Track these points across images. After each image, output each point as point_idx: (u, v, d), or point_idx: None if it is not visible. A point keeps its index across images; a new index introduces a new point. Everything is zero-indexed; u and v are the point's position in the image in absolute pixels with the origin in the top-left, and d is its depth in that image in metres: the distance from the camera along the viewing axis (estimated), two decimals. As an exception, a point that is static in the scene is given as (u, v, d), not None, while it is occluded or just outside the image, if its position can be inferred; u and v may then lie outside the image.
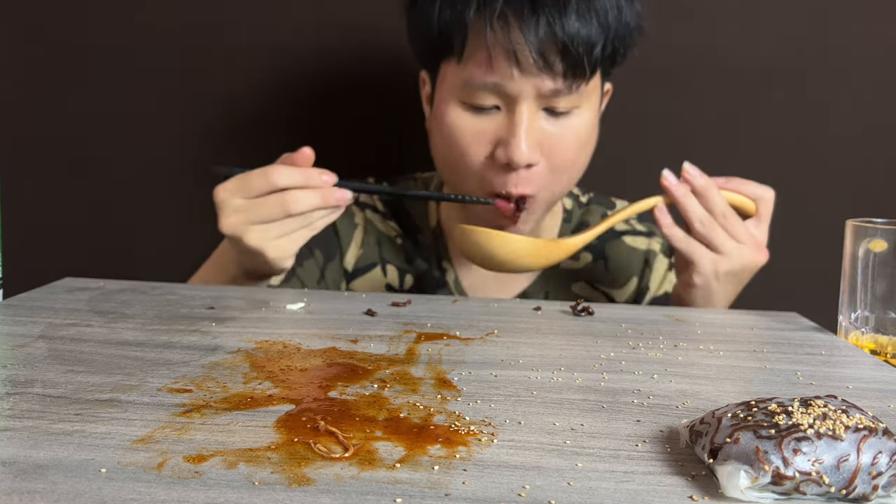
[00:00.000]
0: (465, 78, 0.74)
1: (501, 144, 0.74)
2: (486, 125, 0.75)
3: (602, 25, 0.72)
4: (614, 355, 0.52)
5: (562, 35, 0.70)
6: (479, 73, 0.73)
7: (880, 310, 0.59)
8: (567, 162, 0.76)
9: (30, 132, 1.05)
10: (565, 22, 0.71)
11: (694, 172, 0.72)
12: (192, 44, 1.02)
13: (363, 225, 0.89)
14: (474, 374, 0.46)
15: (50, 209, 1.07)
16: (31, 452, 0.32)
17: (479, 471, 0.32)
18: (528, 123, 0.73)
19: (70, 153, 1.06)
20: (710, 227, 0.71)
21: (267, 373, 0.45)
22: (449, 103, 0.76)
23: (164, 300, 0.62)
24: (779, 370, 0.50)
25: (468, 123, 0.75)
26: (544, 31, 0.70)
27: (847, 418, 0.32)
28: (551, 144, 0.75)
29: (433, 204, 0.90)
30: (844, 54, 0.99)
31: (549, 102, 0.74)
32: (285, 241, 0.68)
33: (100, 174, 1.06)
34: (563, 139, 0.75)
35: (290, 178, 0.67)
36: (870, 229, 0.59)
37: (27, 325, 0.53)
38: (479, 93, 0.74)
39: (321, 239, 0.85)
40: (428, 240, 0.89)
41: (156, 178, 1.06)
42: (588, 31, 0.72)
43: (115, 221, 1.07)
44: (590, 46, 0.72)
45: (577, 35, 0.71)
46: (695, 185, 0.72)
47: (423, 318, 0.60)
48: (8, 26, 1.03)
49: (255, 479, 0.31)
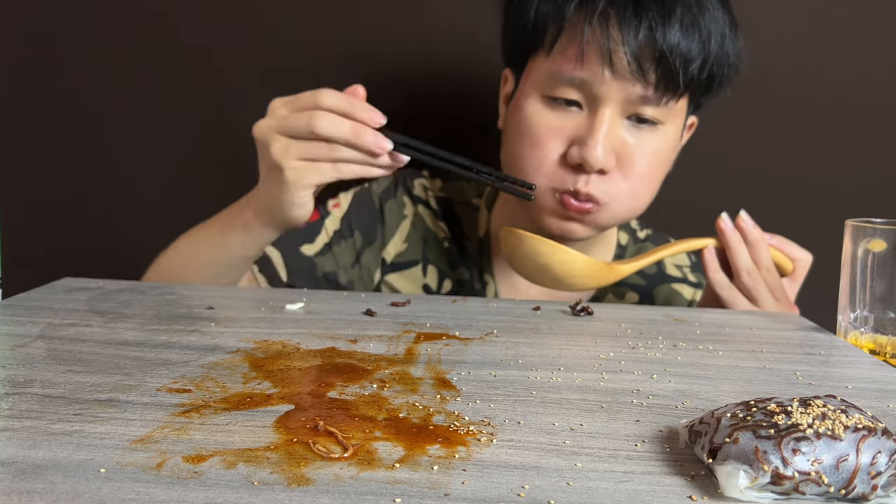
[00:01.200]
0: (552, 70, 0.73)
1: (577, 144, 0.73)
2: (564, 122, 0.74)
3: (704, 45, 0.71)
4: (613, 355, 0.52)
5: (661, 43, 0.69)
6: (569, 66, 0.72)
7: (879, 310, 0.59)
8: (639, 178, 0.74)
9: (30, 132, 1.05)
10: (667, 31, 0.69)
11: (750, 224, 0.72)
12: (193, 44, 1.02)
13: (412, 219, 0.88)
14: (474, 374, 0.46)
15: (50, 209, 1.06)
16: (30, 452, 0.32)
17: (478, 471, 0.32)
18: (608, 127, 0.72)
19: (70, 153, 1.05)
20: (755, 280, 0.72)
21: (266, 373, 0.45)
22: (530, 97, 0.75)
23: (164, 300, 0.62)
24: (778, 370, 0.50)
25: (546, 118, 0.74)
26: (644, 37, 0.69)
27: (846, 418, 0.32)
28: (627, 156, 0.73)
29: (484, 212, 0.88)
30: (844, 54, 0.99)
31: (633, 110, 0.72)
32: (306, 168, 0.64)
33: (100, 174, 1.06)
34: (640, 153, 0.74)
35: (334, 102, 0.64)
36: (869, 229, 0.59)
37: (26, 325, 0.53)
38: (563, 87, 0.72)
39: (364, 222, 0.84)
40: (473, 248, 0.88)
41: (156, 178, 1.06)
42: (689, 45, 0.70)
43: (114, 221, 1.07)
44: (688, 61, 0.70)
45: (676, 47, 0.69)
46: (748, 236, 0.72)
47: (423, 318, 0.60)
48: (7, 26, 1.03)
49: (255, 480, 0.31)
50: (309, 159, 0.64)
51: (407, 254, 0.87)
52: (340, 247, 0.83)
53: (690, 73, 0.71)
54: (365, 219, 0.84)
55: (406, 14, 1.01)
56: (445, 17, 1.01)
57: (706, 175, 1.01)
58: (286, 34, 1.02)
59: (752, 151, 1.02)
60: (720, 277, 0.73)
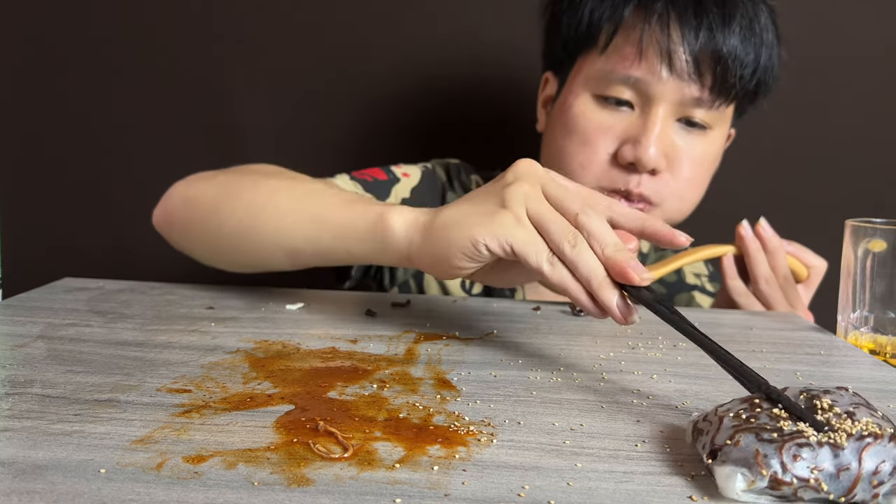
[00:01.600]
0: (606, 69, 0.73)
1: (629, 143, 0.73)
2: (615, 121, 0.74)
3: (757, 52, 0.72)
4: (614, 355, 0.52)
5: (722, 45, 0.70)
6: (625, 65, 0.72)
7: (879, 310, 0.59)
8: (687, 181, 0.75)
9: (30, 132, 1.05)
10: (727, 34, 0.70)
11: (769, 232, 0.72)
12: (194, 44, 1.02)
13: None
14: (474, 375, 0.46)
15: (50, 209, 1.06)
16: (30, 453, 0.32)
17: (478, 471, 0.32)
18: (661, 127, 0.72)
19: (70, 153, 1.05)
20: (772, 288, 0.72)
21: (266, 373, 0.45)
22: (579, 96, 0.75)
23: (164, 300, 0.62)
24: (778, 370, 0.50)
25: (597, 116, 0.74)
26: (705, 38, 0.70)
27: (852, 424, 0.31)
28: (677, 158, 0.74)
29: None
30: (844, 54, 0.99)
31: (685, 112, 0.73)
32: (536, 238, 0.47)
33: (100, 174, 1.06)
34: (689, 156, 0.74)
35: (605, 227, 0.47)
36: (869, 229, 0.59)
37: (26, 325, 0.53)
38: (617, 85, 0.73)
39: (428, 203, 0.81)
40: None
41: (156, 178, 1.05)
42: (746, 50, 0.71)
43: (114, 221, 1.07)
44: (744, 66, 0.72)
45: (735, 50, 0.71)
46: (767, 244, 0.72)
47: (423, 318, 0.60)
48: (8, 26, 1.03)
49: (255, 480, 0.31)
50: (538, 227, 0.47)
51: None
52: None
53: (744, 78, 0.72)
54: (428, 201, 0.81)
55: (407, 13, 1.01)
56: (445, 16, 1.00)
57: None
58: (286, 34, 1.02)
59: (752, 151, 1.01)
60: (738, 285, 0.73)
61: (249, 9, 1.01)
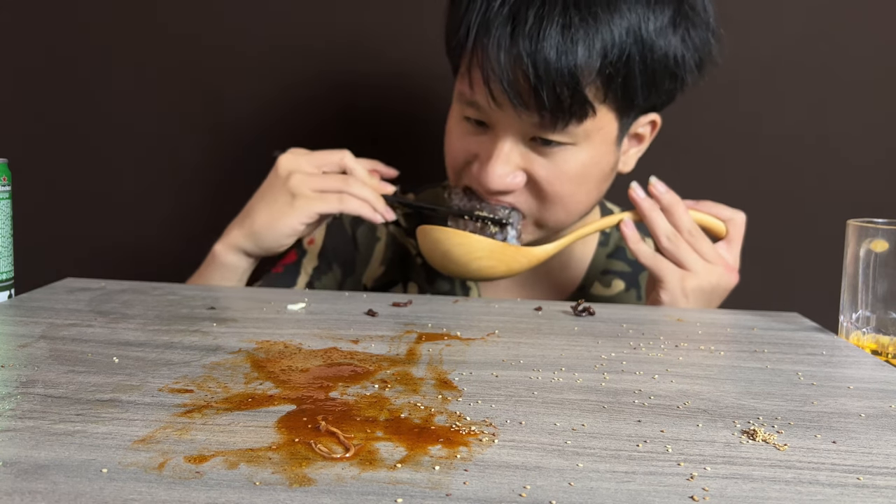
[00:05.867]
0: (460, 90, 0.73)
1: (478, 162, 0.72)
2: (471, 139, 0.73)
3: (594, 55, 0.64)
4: (615, 355, 0.52)
5: (537, 68, 0.63)
6: (467, 90, 0.71)
7: (881, 310, 0.59)
8: (556, 196, 0.72)
9: (30, 132, 1.05)
10: (541, 51, 0.63)
11: (661, 188, 0.71)
12: (194, 44, 1.02)
13: (385, 240, 0.86)
14: (475, 375, 0.46)
15: (51, 209, 1.07)
16: (32, 452, 0.32)
17: (479, 471, 0.32)
18: (505, 152, 0.70)
19: (71, 153, 1.06)
20: (676, 243, 0.70)
21: (268, 373, 0.45)
22: (453, 108, 0.76)
23: (165, 300, 0.62)
24: (780, 370, 0.50)
25: (460, 130, 0.74)
26: (515, 62, 0.64)
27: None
28: (537, 175, 0.71)
29: None
30: (844, 54, 0.99)
31: (536, 133, 0.69)
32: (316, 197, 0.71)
33: (101, 174, 1.06)
34: (551, 172, 0.70)
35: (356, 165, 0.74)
36: (871, 229, 0.59)
37: (28, 325, 0.53)
38: (468, 107, 0.72)
39: (340, 253, 0.83)
40: None
41: (157, 179, 1.06)
42: (570, 62, 0.63)
43: (115, 221, 1.07)
44: (572, 82, 0.64)
45: (554, 68, 0.63)
46: (661, 200, 0.71)
47: (424, 318, 0.60)
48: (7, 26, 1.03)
49: (256, 480, 0.31)
50: (321, 191, 0.72)
51: (385, 276, 0.85)
52: (322, 282, 0.82)
53: (579, 95, 0.65)
54: (341, 250, 0.82)
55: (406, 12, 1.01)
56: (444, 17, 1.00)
57: (706, 175, 1.01)
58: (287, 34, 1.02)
59: (752, 151, 1.01)
60: (642, 248, 0.71)
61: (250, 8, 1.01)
